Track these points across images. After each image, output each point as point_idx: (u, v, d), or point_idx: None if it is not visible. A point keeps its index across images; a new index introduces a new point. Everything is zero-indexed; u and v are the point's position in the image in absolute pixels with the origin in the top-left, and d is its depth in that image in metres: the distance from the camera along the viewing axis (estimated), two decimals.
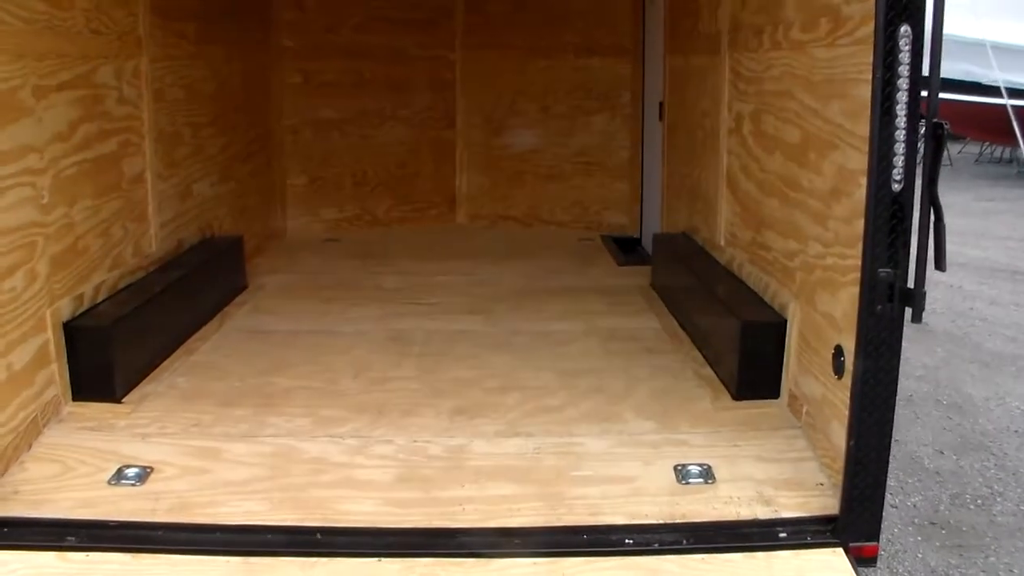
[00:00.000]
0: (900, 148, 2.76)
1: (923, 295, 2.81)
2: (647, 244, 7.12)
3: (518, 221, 7.77)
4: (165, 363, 4.23)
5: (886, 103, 2.75)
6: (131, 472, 3.19)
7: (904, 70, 2.72)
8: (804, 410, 3.54)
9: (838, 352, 3.20)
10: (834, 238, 3.28)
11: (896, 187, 2.78)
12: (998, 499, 4.89)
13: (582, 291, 5.68)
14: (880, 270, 2.82)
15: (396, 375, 4.18)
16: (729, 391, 3.92)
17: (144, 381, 4.00)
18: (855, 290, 3.03)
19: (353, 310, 5.19)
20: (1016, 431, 5.80)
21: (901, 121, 2.75)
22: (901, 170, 2.77)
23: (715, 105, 4.87)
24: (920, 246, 2.80)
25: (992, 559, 4.32)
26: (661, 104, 6.35)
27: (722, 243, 4.81)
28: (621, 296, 5.55)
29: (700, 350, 4.44)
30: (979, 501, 4.86)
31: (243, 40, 6.28)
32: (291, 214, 7.33)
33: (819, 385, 3.39)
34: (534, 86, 7.59)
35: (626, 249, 7.09)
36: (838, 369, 3.20)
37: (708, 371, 4.20)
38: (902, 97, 2.74)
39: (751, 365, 3.85)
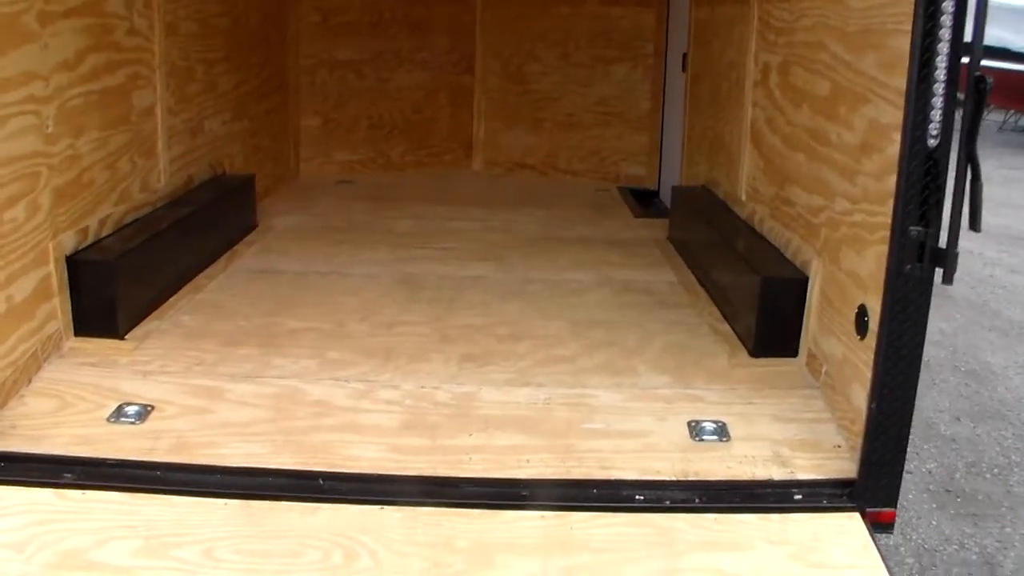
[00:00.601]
0: (938, 102, 2.64)
1: (955, 255, 2.70)
2: (665, 197, 7.00)
3: (535, 169, 7.64)
4: (170, 301, 4.15)
5: (926, 54, 2.62)
6: (131, 410, 3.12)
7: (947, 20, 2.59)
8: (823, 370, 3.45)
9: (862, 312, 3.10)
10: (862, 194, 3.17)
11: (932, 142, 2.66)
12: (1015, 469, 4.80)
13: (597, 242, 5.58)
14: (911, 228, 2.71)
15: (405, 319, 4.09)
16: (747, 348, 3.82)
17: (148, 318, 3.92)
18: (883, 248, 2.92)
19: (364, 253, 5.10)
20: None
21: (940, 73, 2.62)
22: (938, 125, 2.65)
23: (741, 56, 4.73)
24: (955, 205, 2.69)
25: (1008, 529, 4.24)
26: (684, 55, 6.20)
27: (743, 197, 4.69)
28: (637, 248, 5.44)
29: (718, 306, 4.34)
30: (995, 470, 4.77)
31: None
32: (304, 155, 7.20)
33: (840, 345, 3.30)
34: (555, 33, 7.42)
35: (643, 201, 6.98)
36: (861, 329, 3.10)
37: (725, 327, 4.10)
38: (943, 48, 2.61)
39: (770, 322, 3.75)
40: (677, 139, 6.56)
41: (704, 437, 3.13)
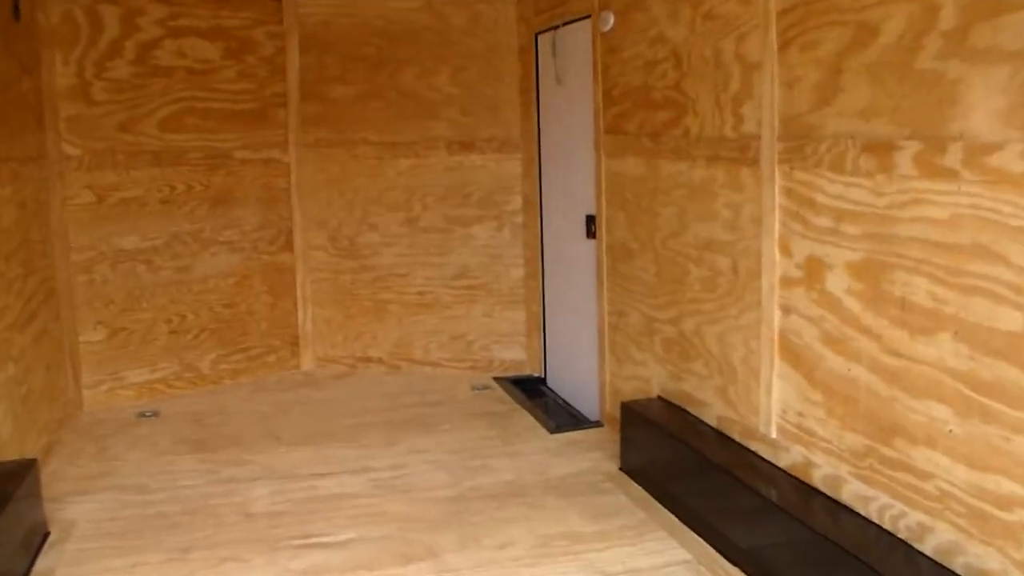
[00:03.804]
0: None
1: None
2: (554, 384, 5.66)
3: (382, 363, 6.09)
4: None
5: None
6: None
7: None
8: None
9: None
10: None
11: None
12: None
13: (534, 491, 4.07)
14: None
15: None
16: None
17: None
18: None
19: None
20: None
21: None
22: None
23: (740, 238, 3.49)
24: None
25: None
26: (590, 218, 4.92)
27: (773, 434, 3.39)
28: (595, 497, 3.99)
29: None
30: None
31: (11, 152, 4.37)
32: (87, 381, 5.32)
33: None
34: (394, 191, 5.97)
35: (531, 393, 5.61)
36: None
37: None
38: None
39: None
40: (574, 319, 5.25)
41: None
